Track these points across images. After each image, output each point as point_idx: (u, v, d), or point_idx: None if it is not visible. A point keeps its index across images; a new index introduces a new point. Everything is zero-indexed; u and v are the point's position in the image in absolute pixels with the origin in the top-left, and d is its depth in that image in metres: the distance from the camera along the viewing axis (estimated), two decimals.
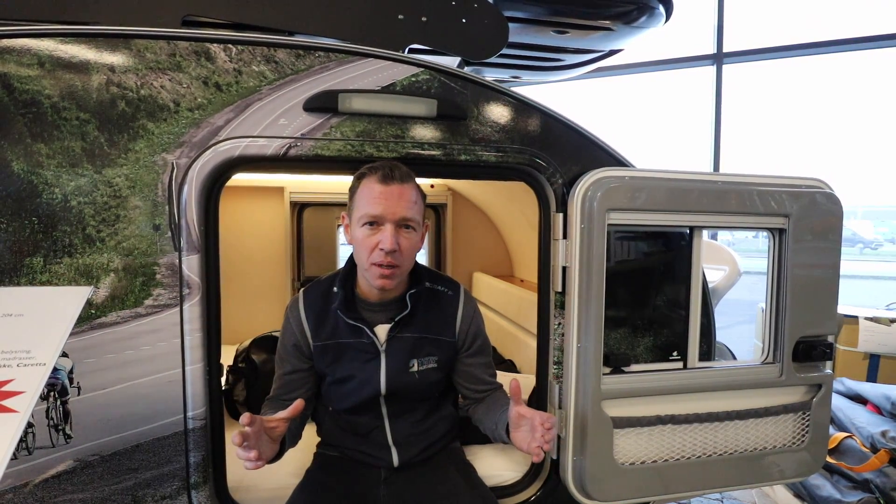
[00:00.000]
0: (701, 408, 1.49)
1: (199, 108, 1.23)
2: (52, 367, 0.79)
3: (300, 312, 1.32)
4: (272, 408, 1.31)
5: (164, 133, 1.22)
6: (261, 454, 1.03)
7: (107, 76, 1.19)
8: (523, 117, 1.42)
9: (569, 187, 1.44)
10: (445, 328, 1.36)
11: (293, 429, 1.25)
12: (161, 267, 1.24)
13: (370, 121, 1.33)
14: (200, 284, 1.26)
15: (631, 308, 1.52)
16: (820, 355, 1.56)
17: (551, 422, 1.11)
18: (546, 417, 1.11)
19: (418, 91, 1.35)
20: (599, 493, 1.42)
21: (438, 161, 1.38)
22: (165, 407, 1.26)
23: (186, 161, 1.23)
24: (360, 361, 1.30)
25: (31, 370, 0.78)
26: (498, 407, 1.35)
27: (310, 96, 1.28)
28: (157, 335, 1.24)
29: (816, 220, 1.52)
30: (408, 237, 1.21)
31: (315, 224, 3.12)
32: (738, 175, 1.49)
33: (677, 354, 1.53)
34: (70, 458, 1.21)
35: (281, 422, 1.10)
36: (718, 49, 3.91)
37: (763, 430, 1.54)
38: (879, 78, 21.50)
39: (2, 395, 0.73)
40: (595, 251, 1.37)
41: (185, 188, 1.23)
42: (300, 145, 1.28)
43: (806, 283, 1.53)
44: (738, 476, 1.53)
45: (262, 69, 1.27)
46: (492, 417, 1.34)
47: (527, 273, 3.09)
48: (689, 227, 1.50)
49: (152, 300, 1.24)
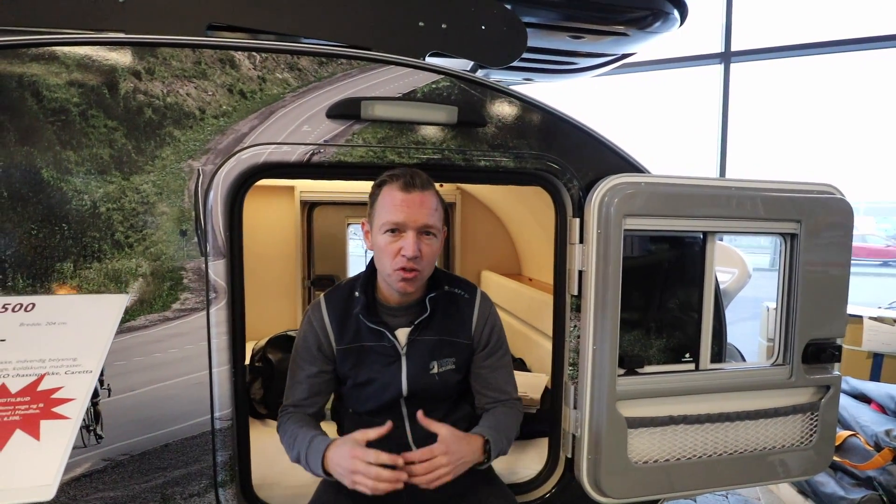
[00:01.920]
0: (712, 408, 1.53)
1: (224, 116, 1.26)
2: (99, 374, 0.82)
3: (324, 316, 1.34)
4: (303, 419, 1.32)
5: (190, 140, 1.24)
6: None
7: (134, 84, 1.21)
8: (541, 123, 1.44)
9: (585, 192, 1.47)
10: (462, 330, 1.39)
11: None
12: (188, 272, 1.26)
13: (391, 127, 1.35)
14: (226, 288, 1.29)
15: (645, 311, 1.55)
16: (829, 357, 1.59)
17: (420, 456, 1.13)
18: (425, 452, 1.14)
19: (439, 98, 1.37)
20: (613, 490, 1.46)
21: (458, 167, 1.40)
22: (193, 408, 1.29)
23: (212, 168, 1.25)
24: (382, 364, 1.33)
25: (79, 377, 0.81)
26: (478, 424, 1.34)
27: (333, 103, 1.30)
28: (185, 338, 1.27)
29: (827, 224, 1.55)
30: (429, 243, 1.24)
31: (325, 223, 3.14)
32: (751, 181, 1.51)
33: (690, 356, 1.56)
34: (101, 458, 1.24)
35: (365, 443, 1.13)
36: (726, 48, 3.91)
37: (772, 429, 1.58)
38: (883, 77, 21.41)
39: (54, 402, 0.76)
40: (612, 256, 1.39)
41: (211, 194, 1.25)
42: (323, 152, 1.30)
43: (816, 287, 1.56)
44: (747, 474, 1.56)
45: (285, 76, 1.29)
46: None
47: (535, 272, 3.12)
48: (703, 232, 1.52)
49: (180, 304, 1.26)
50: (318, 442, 1.19)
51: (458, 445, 1.19)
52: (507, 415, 1.38)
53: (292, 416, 1.32)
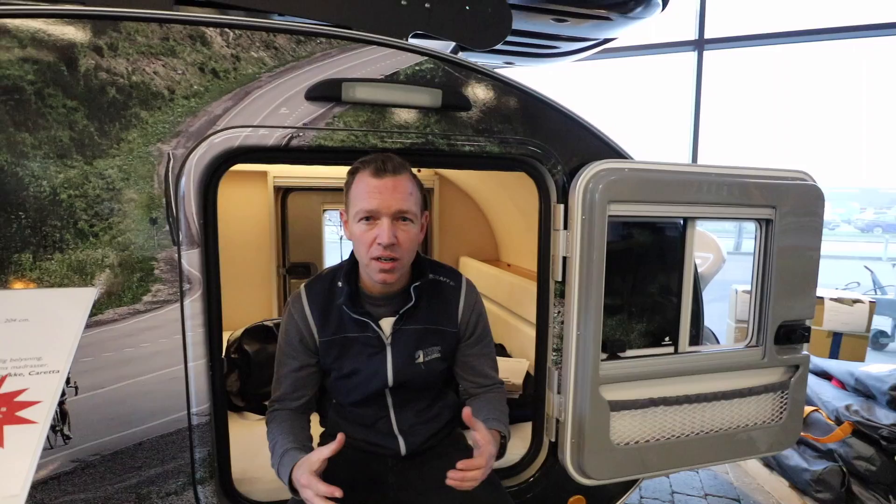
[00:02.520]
0: (690, 389, 1.57)
1: (195, 96, 1.18)
2: (66, 374, 0.77)
3: (305, 307, 1.30)
4: (284, 410, 1.29)
5: (158, 122, 1.17)
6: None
7: (95, 61, 1.12)
8: (526, 108, 1.42)
9: (569, 178, 1.46)
10: (448, 318, 1.37)
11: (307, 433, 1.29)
12: (159, 262, 1.20)
13: (374, 110, 1.30)
14: (201, 279, 1.23)
15: (626, 296, 1.57)
16: (799, 338, 1.65)
17: (476, 464, 1.10)
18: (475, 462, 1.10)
19: (422, 80, 1.32)
20: (596, 472, 1.48)
21: (442, 152, 1.37)
22: (168, 404, 1.23)
23: (183, 152, 1.18)
24: (366, 355, 1.30)
25: (45, 378, 0.76)
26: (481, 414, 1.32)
27: (312, 85, 1.24)
28: (158, 332, 1.21)
29: (800, 210, 1.59)
30: (406, 229, 1.20)
31: (300, 209, 3.06)
32: (730, 167, 1.54)
33: (669, 340, 1.59)
34: (69, 459, 1.18)
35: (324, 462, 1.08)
36: (700, 35, 3.96)
37: (746, 408, 1.63)
38: (842, 68, 22.28)
39: (18, 406, 0.71)
40: (596, 242, 1.39)
41: (183, 180, 1.19)
42: (302, 136, 1.25)
43: (789, 271, 1.61)
44: (723, 452, 1.62)
45: (261, 55, 1.22)
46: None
47: (513, 257, 3.12)
48: (683, 218, 1.54)
49: (151, 296, 1.20)
50: (288, 459, 1.15)
51: (492, 447, 1.17)
52: (500, 401, 1.39)
53: (277, 417, 1.29)
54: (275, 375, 1.34)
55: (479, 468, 1.11)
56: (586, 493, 1.62)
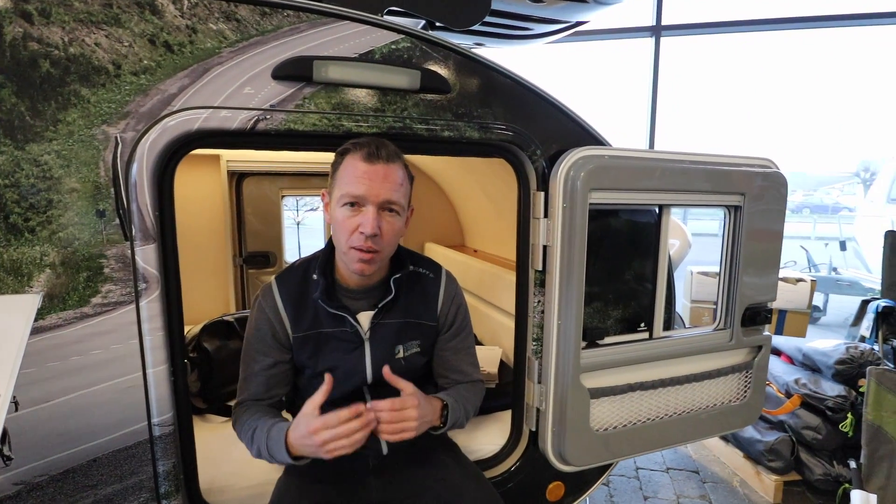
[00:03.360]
0: (665, 373, 1.60)
1: (145, 72, 1.05)
2: (10, 395, 0.66)
3: (277, 301, 1.21)
4: (259, 411, 1.21)
5: (103, 101, 1.03)
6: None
7: (23, 29, 0.97)
8: (506, 92, 1.37)
9: (549, 165, 1.43)
10: (427, 311, 1.32)
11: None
12: (109, 259, 1.07)
13: (348, 92, 1.21)
14: (159, 277, 1.11)
15: (603, 283, 1.57)
16: (762, 320, 1.71)
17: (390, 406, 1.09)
18: (397, 402, 1.09)
19: (399, 60, 1.24)
20: (576, 458, 1.49)
21: (420, 137, 1.30)
22: (126, 415, 1.12)
23: (133, 135, 1.05)
24: (343, 352, 1.23)
25: None
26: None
27: (280, 62, 1.13)
28: (110, 337, 1.09)
29: (766, 197, 1.64)
30: (391, 221, 1.14)
31: (256, 196, 2.89)
32: (703, 155, 1.55)
33: (644, 325, 1.61)
34: (11, 482, 1.05)
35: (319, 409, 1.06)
36: (657, 21, 4.02)
37: (715, 389, 1.69)
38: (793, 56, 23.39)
39: None
40: (577, 231, 1.37)
41: (134, 167, 1.06)
42: (270, 118, 1.14)
43: (754, 256, 1.66)
44: (694, 431, 1.67)
45: (221, 28, 1.10)
46: None
47: (480, 243, 3.09)
48: (659, 205, 1.55)
49: (101, 298, 1.07)
50: (276, 431, 1.10)
51: (424, 401, 1.16)
52: (468, 389, 1.36)
53: (248, 410, 1.21)
54: (241, 375, 1.25)
55: (392, 409, 1.08)
56: (564, 480, 1.64)
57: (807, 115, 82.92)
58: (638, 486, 2.45)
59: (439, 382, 1.39)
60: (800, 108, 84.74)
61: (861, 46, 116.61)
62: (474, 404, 1.36)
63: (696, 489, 2.43)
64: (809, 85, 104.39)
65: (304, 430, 1.05)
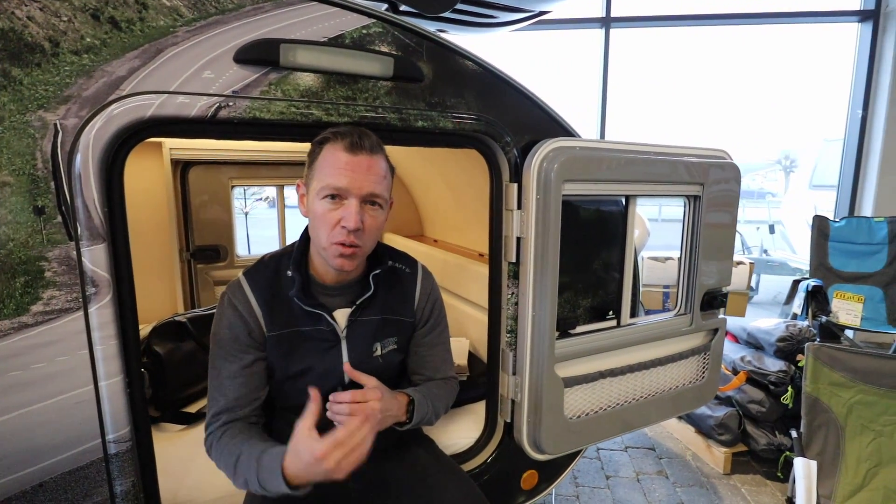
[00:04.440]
0: (632, 359, 1.65)
1: (89, 52, 0.93)
2: None
3: (249, 298, 1.13)
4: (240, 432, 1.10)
5: (38, 84, 0.91)
6: None
7: None
8: (480, 82, 1.34)
9: (521, 156, 1.42)
10: (405, 307, 1.29)
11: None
12: (51, 262, 0.96)
13: (317, 78, 1.13)
14: (110, 280, 1.01)
15: (573, 273, 1.59)
16: (718, 304, 1.80)
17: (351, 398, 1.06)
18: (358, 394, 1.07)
19: (369, 46, 1.18)
20: (551, 447, 1.52)
21: (393, 127, 1.25)
22: (76, 433, 1.01)
23: (76, 122, 0.94)
24: (318, 351, 1.18)
25: None
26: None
27: (243, 45, 1.04)
28: (54, 348, 0.98)
29: (722, 187, 1.71)
30: (373, 215, 1.09)
31: (204, 186, 2.71)
32: (667, 146, 1.60)
33: (612, 313, 1.65)
34: None
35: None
36: (607, 13, 4.11)
37: (677, 371, 1.77)
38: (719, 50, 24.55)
39: None
40: (551, 222, 1.38)
41: (78, 158, 0.94)
42: (233, 105, 1.05)
43: (712, 243, 1.74)
44: (658, 413, 1.74)
45: (175, 4, 0.99)
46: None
47: (439, 233, 3.07)
48: (626, 196, 1.58)
49: (42, 305, 0.96)
50: (269, 460, 0.98)
51: (388, 395, 1.14)
52: (439, 386, 1.33)
53: (226, 433, 1.09)
54: (212, 384, 1.15)
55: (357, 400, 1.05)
56: (538, 468, 1.66)
57: (732, 105, 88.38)
58: (600, 467, 2.54)
59: (413, 380, 1.36)
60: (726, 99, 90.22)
61: (780, 43, 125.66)
62: (446, 402, 1.34)
63: (654, 465, 2.56)
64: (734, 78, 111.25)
65: (308, 457, 0.93)
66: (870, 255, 3.53)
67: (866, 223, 3.57)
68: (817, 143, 6.50)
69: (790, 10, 4.34)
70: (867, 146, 4.18)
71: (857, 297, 3.41)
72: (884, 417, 1.93)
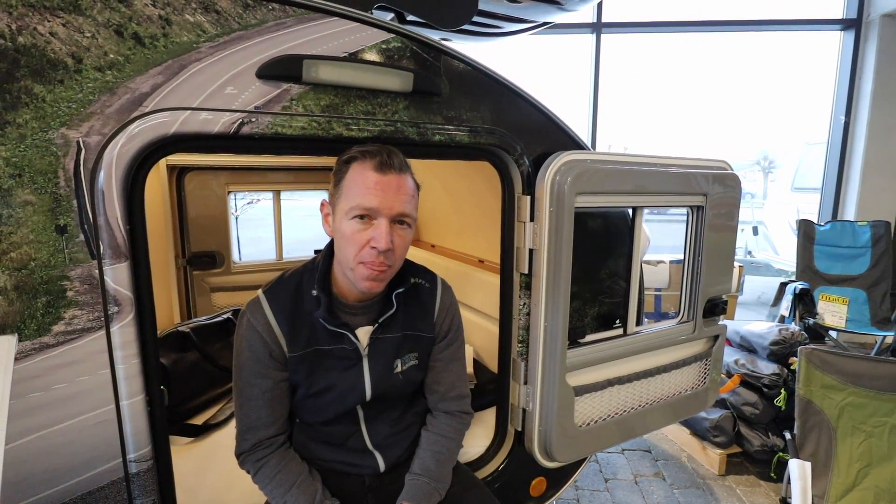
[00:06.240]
0: (637, 367, 1.68)
1: (112, 68, 0.92)
2: (3, 448, 0.57)
3: (269, 318, 1.12)
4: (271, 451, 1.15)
5: (61, 101, 0.89)
6: None
7: None
8: (494, 95, 1.35)
9: (534, 169, 1.43)
10: (425, 323, 1.28)
11: None
12: (73, 281, 0.94)
13: (337, 94, 1.13)
14: (132, 299, 1.00)
15: (582, 283, 1.61)
16: (720, 311, 1.85)
17: None
18: None
19: (389, 61, 1.18)
20: (562, 454, 1.54)
21: (411, 141, 1.25)
22: (97, 453, 1.00)
23: (99, 139, 0.92)
24: (340, 370, 1.17)
25: None
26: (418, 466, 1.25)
27: (266, 61, 1.04)
28: (76, 368, 0.96)
29: (724, 197, 1.76)
30: (402, 235, 1.09)
31: (200, 191, 2.67)
32: (673, 158, 1.63)
33: (619, 322, 1.68)
34: None
35: None
36: (598, 19, 4.16)
37: (680, 377, 1.81)
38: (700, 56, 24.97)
39: None
40: (564, 234, 1.40)
41: (101, 176, 0.93)
42: (256, 121, 1.05)
43: (714, 252, 1.78)
44: (662, 418, 1.78)
45: (198, 20, 0.98)
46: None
47: (437, 238, 3.07)
48: (633, 207, 1.61)
49: (64, 325, 0.94)
50: None
51: None
52: (450, 449, 1.29)
53: (266, 466, 1.14)
54: (238, 401, 1.15)
55: None
56: (547, 475, 1.69)
57: (715, 107, 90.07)
58: (598, 469, 2.58)
59: (428, 397, 1.33)
60: (709, 101, 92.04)
61: (764, 49, 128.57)
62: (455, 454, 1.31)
63: (650, 467, 2.61)
64: (717, 81, 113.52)
65: None
66: (854, 259, 3.64)
67: (850, 227, 3.68)
68: (799, 146, 6.67)
69: (776, 17, 4.46)
70: (850, 151, 4.31)
71: (841, 300, 3.52)
72: (874, 419, 2.00)
